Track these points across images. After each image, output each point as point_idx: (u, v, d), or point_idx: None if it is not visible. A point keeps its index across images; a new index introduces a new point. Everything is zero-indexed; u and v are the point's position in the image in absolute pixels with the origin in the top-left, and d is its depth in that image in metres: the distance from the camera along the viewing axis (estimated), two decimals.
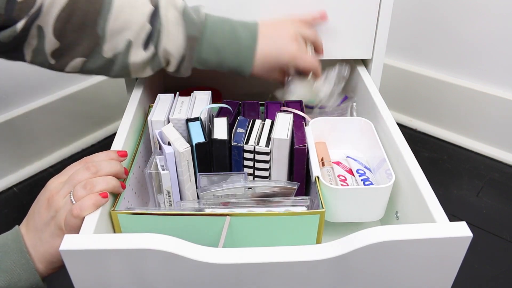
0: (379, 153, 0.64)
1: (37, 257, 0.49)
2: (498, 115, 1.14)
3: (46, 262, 0.49)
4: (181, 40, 0.63)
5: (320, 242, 0.54)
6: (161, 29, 0.62)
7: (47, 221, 0.49)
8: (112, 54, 0.62)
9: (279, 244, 0.43)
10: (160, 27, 0.62)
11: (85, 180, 0.49)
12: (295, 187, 0.59)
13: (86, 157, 0.53)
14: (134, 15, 0.61)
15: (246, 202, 0.57)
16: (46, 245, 0.49)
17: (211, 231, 0.51)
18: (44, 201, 0.50)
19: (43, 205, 0.50)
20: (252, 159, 0.62)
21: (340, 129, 0.72)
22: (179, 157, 0.59)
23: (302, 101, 0.72)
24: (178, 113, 0.65)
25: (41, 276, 0.49)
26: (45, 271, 0.50)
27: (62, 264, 0.45)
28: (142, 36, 0.61)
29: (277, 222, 0.52)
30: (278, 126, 0.63)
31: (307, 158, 0.62)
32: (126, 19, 0.60)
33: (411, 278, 0.46)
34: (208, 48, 0.65)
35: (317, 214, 0.52)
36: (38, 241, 0.49)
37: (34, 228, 0.50)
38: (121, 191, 0.53)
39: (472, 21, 1.10)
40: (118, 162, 0.54)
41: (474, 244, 0.49)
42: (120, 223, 0.52)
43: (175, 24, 0.62)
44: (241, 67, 0.67)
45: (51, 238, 0.48)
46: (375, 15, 0.75)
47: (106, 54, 0.62)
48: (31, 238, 0.50)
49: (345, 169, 0.69)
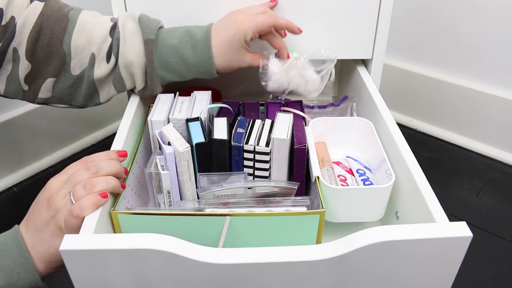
0: (379, 153, 0.64)
1: (37, 256, 0.49)
2: (498, 115, 1.13)
3: (46, 261, 0.49)
4: (140, 47, 0.65)
5: (320, 242, 0.54)
6: (120, 39, 0.64)
7: (47, 220, 0.49)
8: (79, 71, 0.65)
9: (279, 244, 0.43)
10: (119, 36, 0.64)
11: (85, 180, 0.49)
12: (295, 187, 0.59)
13: (86, 157, 0.53)
14: (96, 30, 0.65)
15: (246, 202, 0.57)
16: (46, 244, 0.49)
17: (211, 231, 0.51)
18: (44, 201, 0.50)
19: (43, 205, 0.49)
20: (252, 159, 0.62)
21: (340, 129, 0.72)
22: (179, 157, 0.59)
23: (302, 101, 0.72)
24: (178, 113, 0.65)
25: (40, 275, 0.49)
26: (45, 270, 0.50)
27: (62, 264, 0.45)
28: (104, 48, 0.64)
29: (277, 222, 0.52)
30: (278, 126, 0.63)
31: (307, 158, 0.62)
32: (89, 35, 0.64)
33: (411, 278, 0.46)
34: (166, 48, 0.65)
35: (317, 214, 0.52)
36: (38, 241, 0.49)
37: (34, 228, 0.50)
38: (121, 191, 0.53)
39: (472, 21, 1.10)
40: (118, 161, 0.54)
41: (474, 244, 0.49)
42: (120, 223, 0.52)
43: (132, 33, 0.65)
44: (204, 63, 0.66)
45: (51, 238, 0.48)
46: (375, 15, 0.75)
47: (74, 71, 0.65)
48: (30, 237, 0.50)
49: (345, 169, 0.69)
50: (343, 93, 0.96)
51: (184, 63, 0.66)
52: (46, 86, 0.65)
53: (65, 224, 0.47)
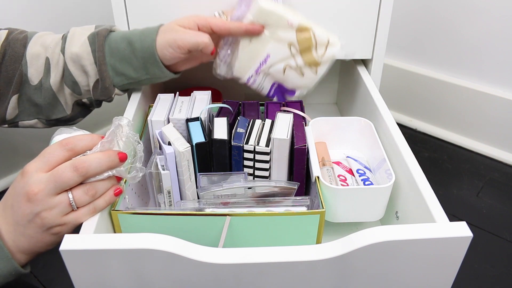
0: (379, 153, 0.64)
1: (18, 249, 0.48)
2: (498, 115, 1.14)
3: (29, 254, 0.49)
4: (85, 39, 0.65)
5: (320, 242, 0.54)
6: (68, 36, 0.66)
7: (30, 218, 0.47)
8: (37, 81, 0.65)
9: (279, 244, 0.43)
10: (67, 34, 0.66)
11: (73, 182, 0.47)
12: (295, 187, 0.59)
13: (66, 140, 0.48)
14: (50, 37, 0.67)
15: (246, 202, 0.57)
16: (32, 240, 0.48)
17: (211, 231, 0.51)
18: (23, 194, 0.46)
19: (23, 199, 0.46)
20: (252, 159, 0.62)
21: (340, 129, 0.72)
22: (179, 157, 0.59)
23: (302, 101, 0.72)
24: (178, 113, 0.65)
25: (20, 264, 0.49)
26: (26, 260, 0.49)
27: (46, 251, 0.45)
28: (56, 51, 0.65)
29: (277, 222, 0.52)
30: (278, 126, 0.63)
31: (307, 158, 0.62)
32: (44, 42, 0.66)
33: (411, 278, 0.46)
34: (117, 35, 0.65)
35: (317, 214, 0.52)
36: (20, 236, 0.48)
37: (13, 222, 0.48)
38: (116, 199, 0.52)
39: (472, 21, 1.10)
40: (108, 150, 0.49)
41: (474, 244, 0.49)
42: (120, 223, 0.52)
43: (82, 31, 0.66)
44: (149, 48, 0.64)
45: (38, 234, 0.47)
46: (375, 15, 0.75)
47: (32, 81, 0.65)
48: (10, 230, 0.48)
49: (345, 169, 0.69)
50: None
51: (131, 48, 0.65)
52: (12, 105, 0.66)
53: (66, 223, 0.47)
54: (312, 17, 0.75)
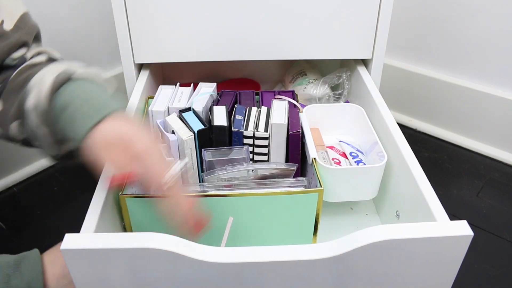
0: (371, 137, 0.65)
1: None
2: (498, 115, 1.14)
3: None
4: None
5: (319, 220, 0.56)
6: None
7: None
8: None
9: (280, 223, 0.43)
10: None
11: None
12: (294, 168, 0.61)
13: None
14: None
15: (248, 183, 0.59)
16: None
17: (215, 212, 0.52)
18: None
19: None
20: (252, 144, 0.64)
21: (333, 116, 0.74)
22: (183, 145, 0.61)
23: (293, 91, 0.74)
24: (178, 102, 0.67)
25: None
26: None
27: None
28: None
29: (278, 201, 0.53)
30: (275, 112, 0.65)
31: (303, 142, 0.64)
32: None
33: (412, 277, 0.46)
34: None
35: (316, 193, 0.54)
36: None
37: None
38: None
39: (472, 21, 1.11)
40: None
41: (474, 244, 0.49)
42: (127, 207, 0.53)
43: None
44: None
45: None
46: (375, 15, 0.75)
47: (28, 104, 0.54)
48: None
49: (338, 152, 0.71)
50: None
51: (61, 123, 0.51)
52: (14, 125, 0.58)
53: None
54: (313, 17, 0.75)
